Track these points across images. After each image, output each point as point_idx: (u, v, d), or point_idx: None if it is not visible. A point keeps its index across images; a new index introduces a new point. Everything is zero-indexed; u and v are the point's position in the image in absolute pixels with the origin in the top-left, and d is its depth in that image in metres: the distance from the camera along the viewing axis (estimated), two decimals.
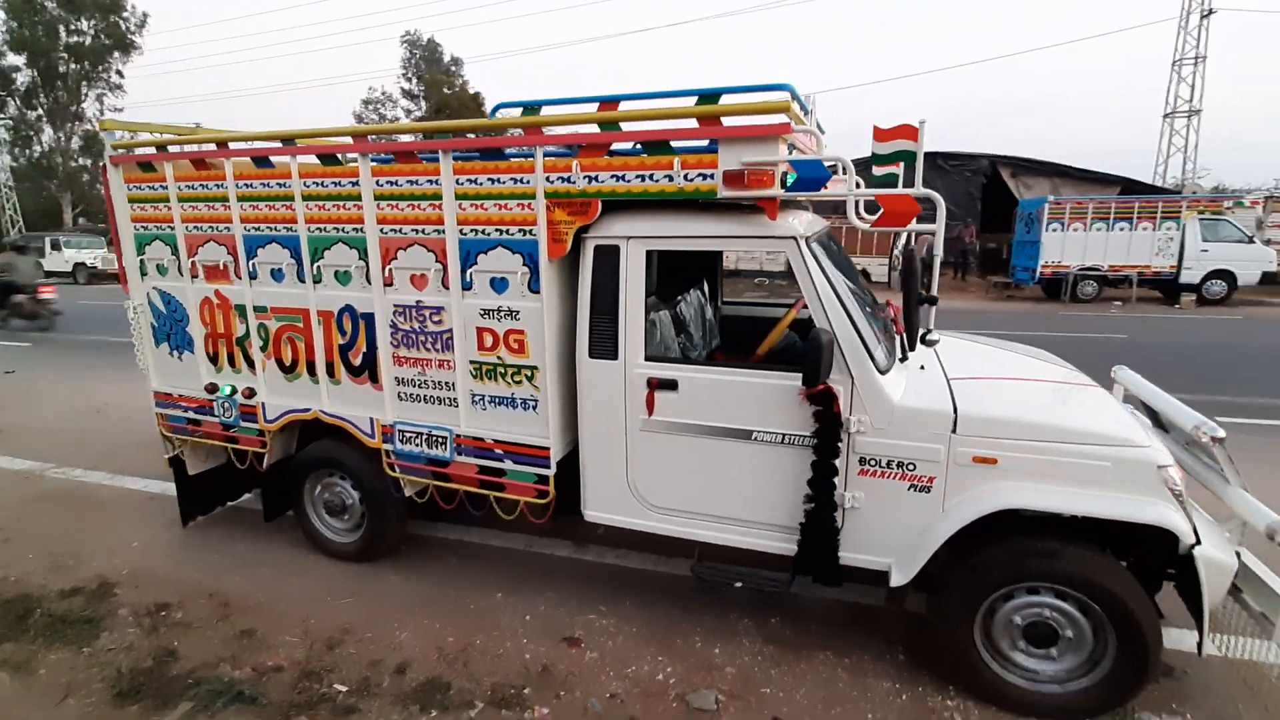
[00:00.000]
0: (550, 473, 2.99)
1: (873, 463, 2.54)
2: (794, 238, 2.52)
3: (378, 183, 3.01)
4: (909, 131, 2.20)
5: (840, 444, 2.49)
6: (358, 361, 3.30)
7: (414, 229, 3.01)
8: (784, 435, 2.62)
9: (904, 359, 2.75)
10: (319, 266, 3.24)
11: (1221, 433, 2.38)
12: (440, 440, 3.18)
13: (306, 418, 3.48)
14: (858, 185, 2.37)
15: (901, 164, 2.31)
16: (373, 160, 3.01)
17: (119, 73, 31.93)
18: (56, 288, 12.84)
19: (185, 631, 3.12)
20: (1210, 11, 20.13)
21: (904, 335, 2.31)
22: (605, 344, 2.81)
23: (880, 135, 2.25)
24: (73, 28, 30.10)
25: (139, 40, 31.64)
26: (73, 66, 30.54)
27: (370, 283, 3.14)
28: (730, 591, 3.26)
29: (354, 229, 3.12)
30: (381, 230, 3.07)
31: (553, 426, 2.95)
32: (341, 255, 3.18)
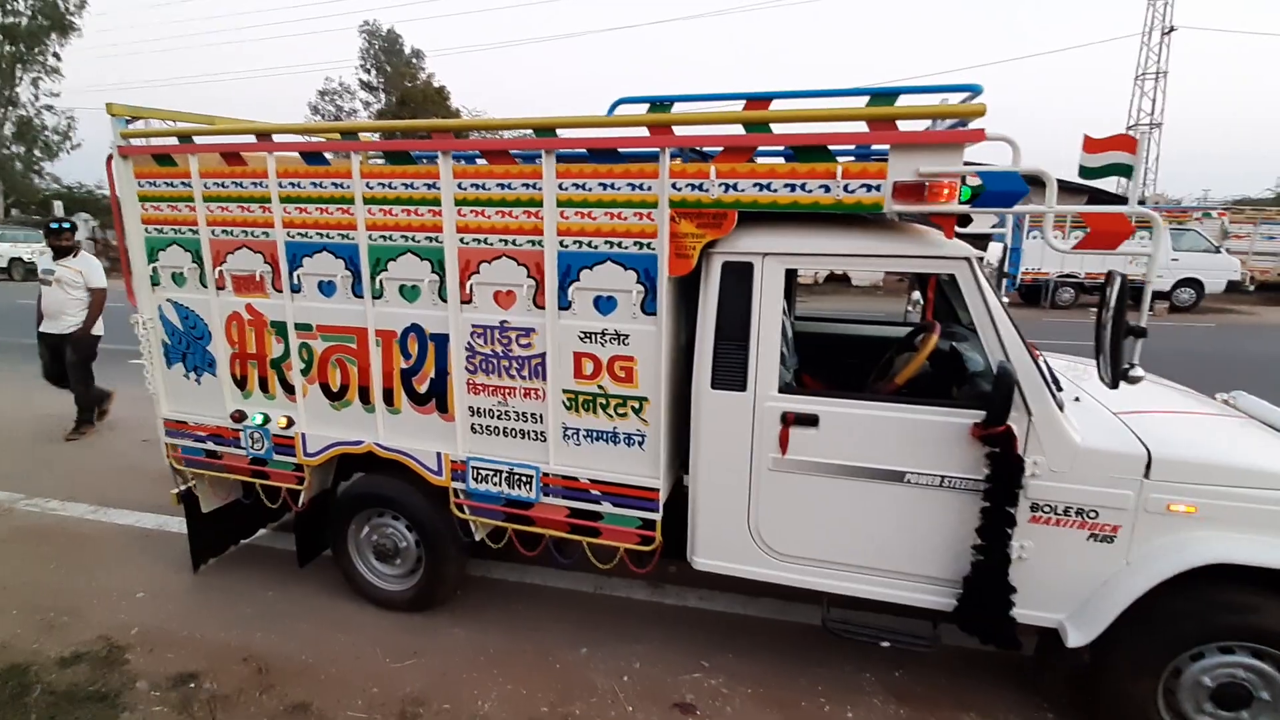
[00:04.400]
0: (658, 516, 2.64)
1: (1047, 509, 2.28)
2: (968, 259, 2.24)
3: (460, 185, 2.61)
4: (1126, 142, 1.95)
5: (1020, 490, 2.22)
6: (424, 388, 2.88)
7: (502, 239, 2.62)
8: (944, 478, 2.34)
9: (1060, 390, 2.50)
10: (381, 280, 2.81)
11: None
12: (524, 479, 2.79)
13: (357, 451, 3.04)
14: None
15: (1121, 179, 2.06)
16: (456, 159, 2.61)
17: (56, 55, 29.85)
18: None
19: (225, 708, 2.65)
20: (1171, 29, 21.00)
21: (1107, 369, 2.06)
22: (732, 374, 2.48)
23: (1091, 146, 1.99)
24: (9, 8, 27.97)
25: (78, 22, 29.62)
26: (7, 48, 28.40)
27: (444, 300, 2.73)
28: (842, 641, 2.97)
29: (427, 238, 2.71)
30: (462, 240, 2.67)
31: (662, 465, 2.61)
32: (410, 268, 2.76)
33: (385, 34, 35.71)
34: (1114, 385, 2.05)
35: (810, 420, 2.42)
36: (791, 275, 3.61)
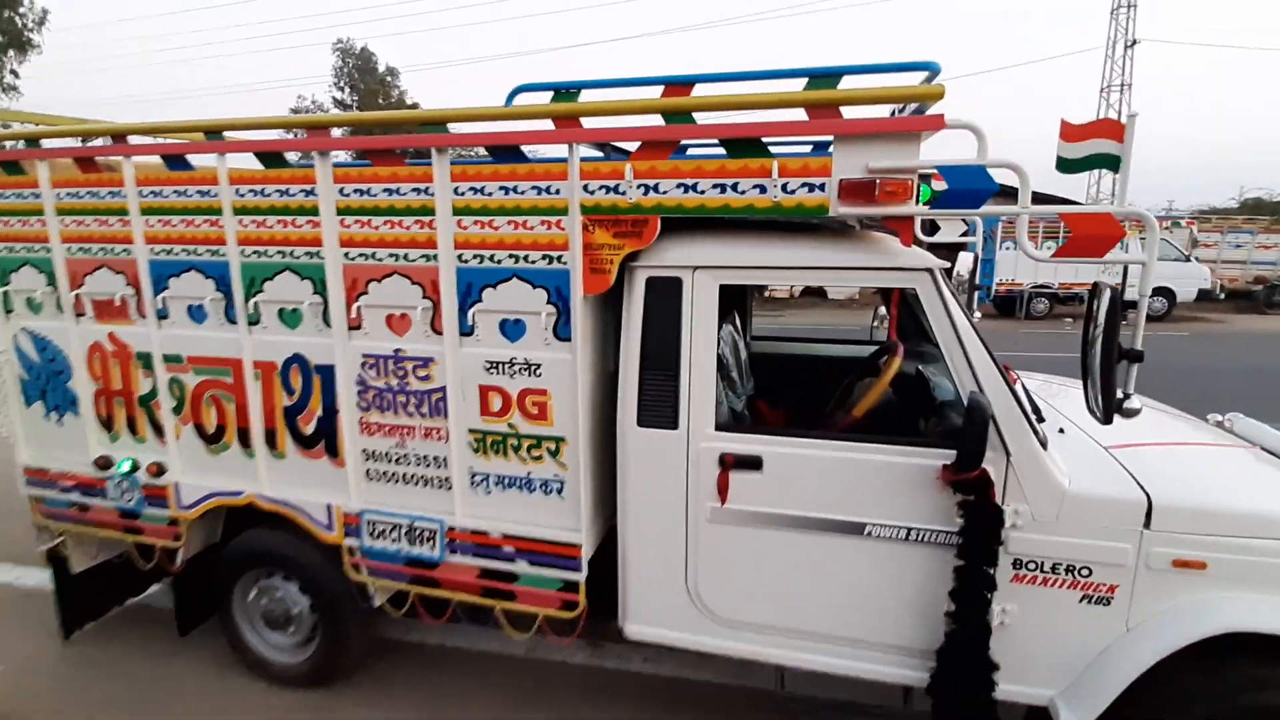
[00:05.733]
0: (581, 577, 2.24)
1: (1031, 566, 1.92)
2: (929, 270, 1.89)
3: (342, 191, 2.23)
4: (1111, 129, 1.62)
5: (999, 546, 1.86)
6: (310, 429, 2.46)
7: (392, 254, 2.23)
8: (910, 530, 1.97)
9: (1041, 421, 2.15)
10: (257, 303, 2.40)
11: None
12: (427, 535, 2.38)
13: (237, 503, 2.61)
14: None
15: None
16: (337, 160, 2.22)
17: (14, 73, 29.05)
18: None
19: None
20: (1135, 42, 21.35)
21: (1097, 401, 1.72)
22: (661, 409, 2.10)
23: (1071, 133, 1.65)
24: None
25: (37, 39, 28.88)
26: None
27: (329, 325, 2.33)
28: (804, 708, 2.57)
29: (307, 253, 2.31)
30: (346, 255, 2.27)
31: (584, 517, 2.21)
32: (289, 288, 2.36)
33: (359, 52, 35.39)
34: (1107, 420, 1.71)
35: (753, 463, 2.05)
36: (738, 291, 3.27)
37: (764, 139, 1.85)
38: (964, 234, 3.38)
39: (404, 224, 2.19)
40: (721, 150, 1.91)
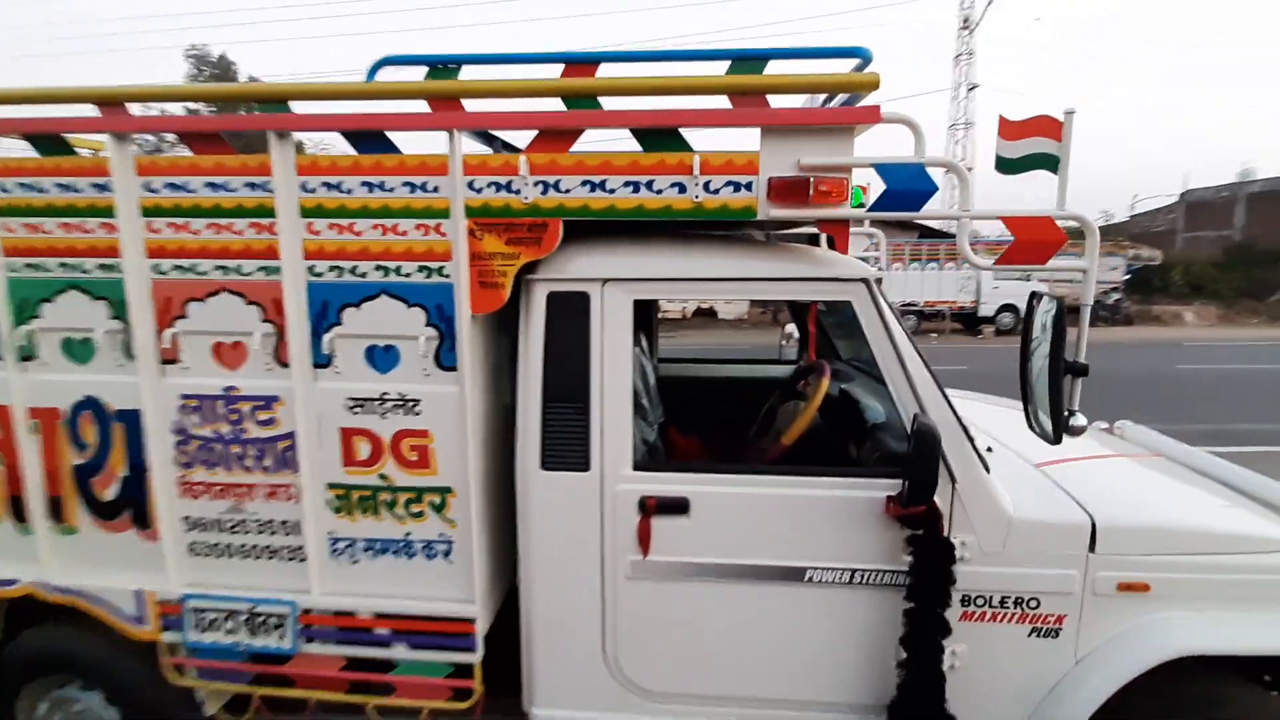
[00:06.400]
0: (476, 658, 1.84)
1: (980, 601, 1.76)
2: (865, 280, 1.71)
3: (149, 187, 1.73)
4: (1048, 126, 1.51)
5: (952, 583, 1.68)
6: (110, 494, 1.90)
7: (220, 266, 1.76)
8: (855, 572, 1.76)
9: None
10: (30, 331, 1.83)
11: None
12: (274, 621, 1.88)
13: (9, 594, 1.97)
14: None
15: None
16: (142, 145, 1.73)
17: None
18: None
19: None
20: (974, 86, 23.99)
21: (1043, 420, 1.59)
22: (569, 448, 1.77)
23: (1009, 130, 1.53)
24: None
25: None
26: None
27: (134, 358, 1.80)
28: None
29: (101, 265, 1.78)
30: (157, 268, 1.77)
31: (479, 584, 1.82)
32: (75, 311, 1.81)
33: (216, 60, 32.41)
34: (1057, 440, 1.58)
35: (678, 506, 1.76)
36: (647, 308, 3.01)
37: (682, 129, 1.60)
38: (868, 249, 3.34)
39: (236, 228, 1.73)
40: (634, 143, 1.64)
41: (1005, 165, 1.55)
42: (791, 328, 3.44)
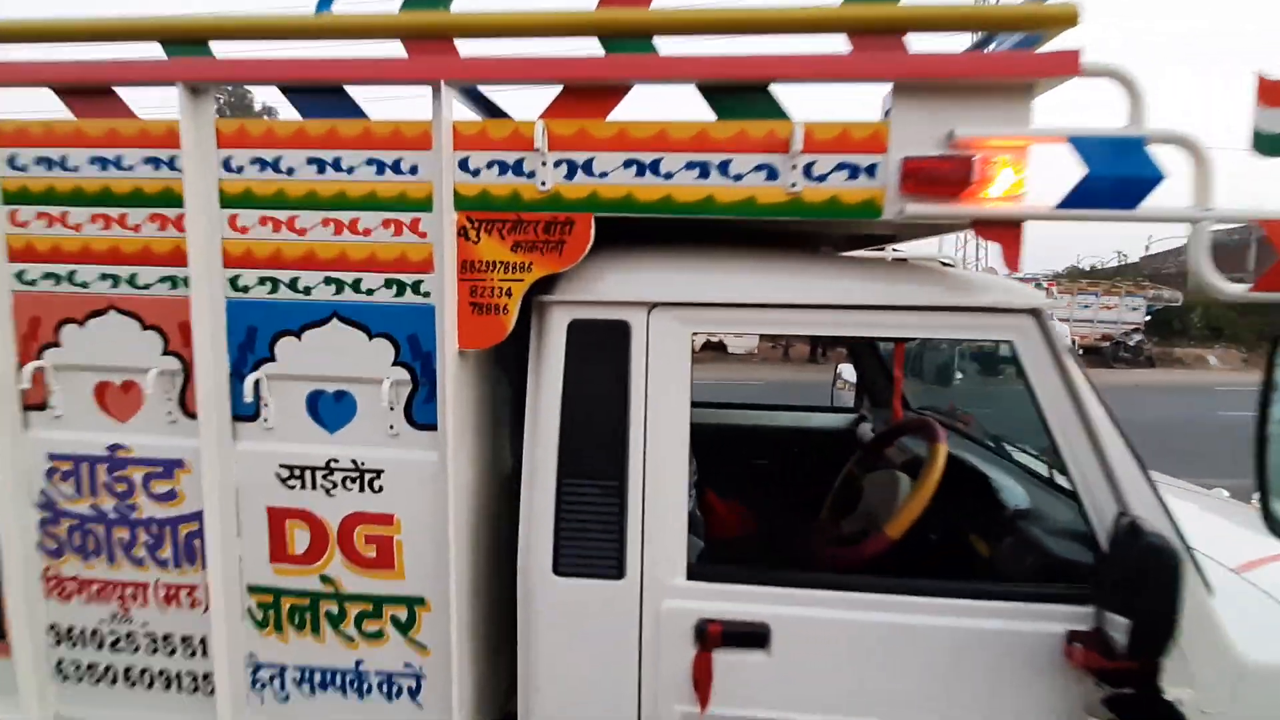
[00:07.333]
0: None
1: None
2: (1035, 311, 1.18)
3: (13, 162, 1.24)
4: None
5: None
6: None
7: (108, 275, 1.25)
8: None
9: None
10: None
11: None
12: None
13: None
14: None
15: None
16: None
17: None
18: None
19: None
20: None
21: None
22: (595, 544, 1.22)
23: (1272, 93, 1.02)
24: None
25: None
26: None
27: None
28: None
29: None
30: (21, 276, 1.27)
31: None
32: None
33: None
34: None
35: (755, 636, 1.20)
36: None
37: (774, 84, 1.10)
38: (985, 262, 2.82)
39: (130, 221, 1.23)
40: (704, 107, 1.13)
41: (1267, 144, 1.04)
42: (847, 369, 2.92)
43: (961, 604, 1.18)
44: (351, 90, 1.18)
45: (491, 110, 1.39)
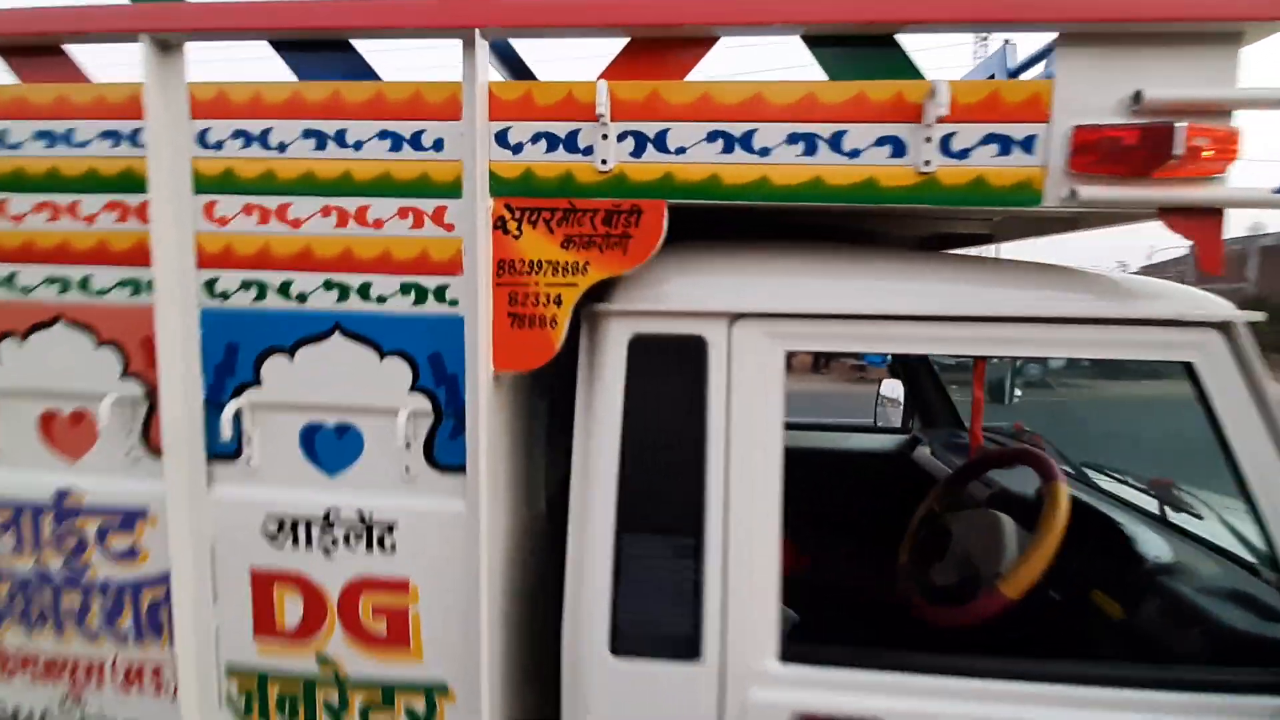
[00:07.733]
0: None
1: None
2: (1226, 325, 0.93)
3: None
4: None
5: None
6: None
7: (54, 280, 1.00)
8: None
9: None
10: None
11: None
12: None
13: None
14: None
15: None
16: None
17: None
18: None
19: None
20: None
21: None
22: (664, 618, 0.97)
23: None
24: None
25: None
26: None
27: None
28: None
29: None
30: None
31: None
32: None
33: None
34: None
35: None
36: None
37: (902, 33, 0.86)
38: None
39: (81, 211, 0.98)
40: (811, 64, 0.89)
41: None
42: (891, 384, 2.67)
43: (1141, 697, 0.92)
44: (360, 44, 0.94)
45: (520, 67, 1.15)
